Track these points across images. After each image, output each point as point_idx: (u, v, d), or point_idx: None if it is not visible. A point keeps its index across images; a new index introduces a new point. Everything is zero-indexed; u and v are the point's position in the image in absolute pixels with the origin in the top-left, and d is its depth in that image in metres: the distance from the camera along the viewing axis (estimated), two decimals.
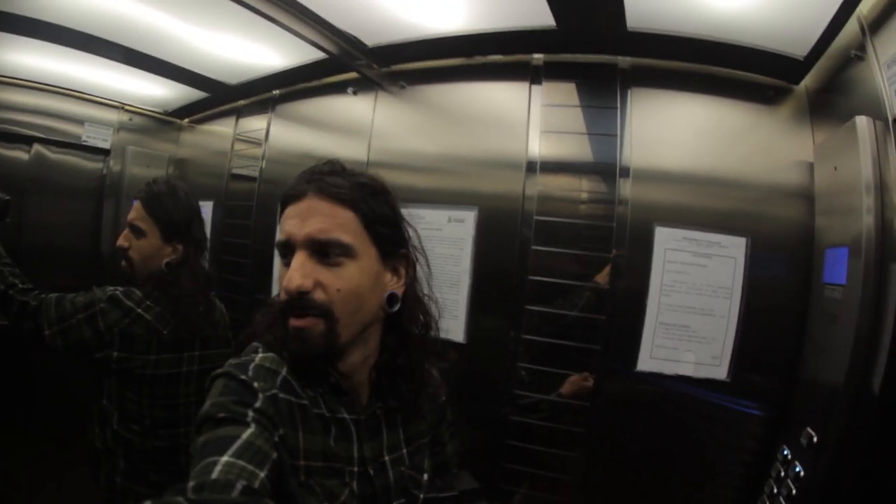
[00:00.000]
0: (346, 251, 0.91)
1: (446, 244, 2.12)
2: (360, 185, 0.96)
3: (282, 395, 0.88)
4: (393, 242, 0.99)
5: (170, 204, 1.78)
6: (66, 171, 3.27)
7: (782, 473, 1.54)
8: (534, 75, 2.08)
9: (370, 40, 2.18)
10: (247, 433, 0.78)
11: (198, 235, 1.83)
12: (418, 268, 1.06)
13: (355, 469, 0.95)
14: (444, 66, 2.28)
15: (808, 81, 1.81)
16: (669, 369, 1.81)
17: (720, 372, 1.77)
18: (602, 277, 1.90)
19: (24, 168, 3.12)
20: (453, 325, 2.08)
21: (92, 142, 3.28)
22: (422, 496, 1.07)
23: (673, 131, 1.92)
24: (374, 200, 0.97)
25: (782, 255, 1.76)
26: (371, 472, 0.97)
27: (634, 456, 1.87)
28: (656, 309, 1.82)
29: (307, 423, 0.90)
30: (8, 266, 1.74)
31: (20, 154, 3.11)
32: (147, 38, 2.33)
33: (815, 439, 1.43)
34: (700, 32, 1.75)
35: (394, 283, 1.00)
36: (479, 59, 2.21)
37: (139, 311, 1.68)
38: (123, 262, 1.80)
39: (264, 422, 0.82)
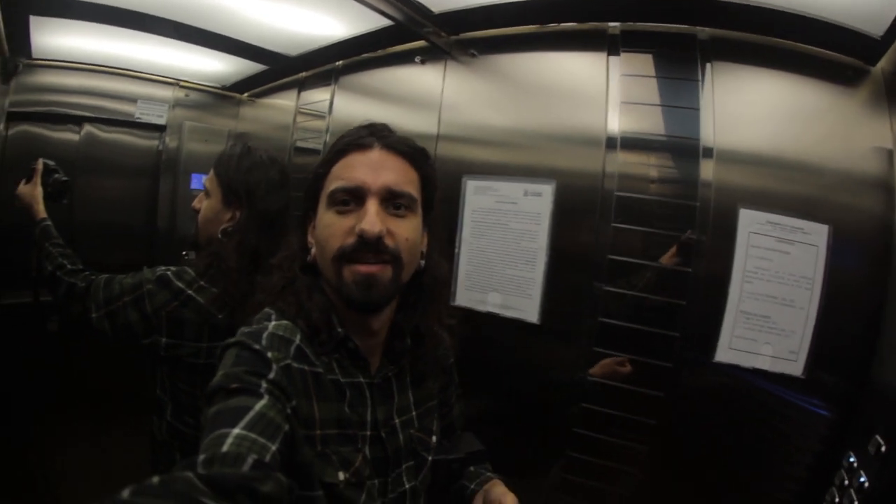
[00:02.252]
0: (411, 205, 1.04)
1: (521, 219, 2.16)
2: (421, 150, 1.11)
3: (295, 365, 0.95)
4: (431, 206, 1.13)
5: (234, 165, 1.74)
6: (120, 150, 3.49)
7: (846, 482, 1.54)
8: (611, 45, 2.10)
9: (437, 6, 2.21)
10: (259, 404, 0.83)
11: (263, 206, 1.71)
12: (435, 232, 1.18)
13: (368, 433, 1.04)
14: (517, 33, 2.32)
15: (885, 63, 1.80)
16: (747, 362, 1.82)
17: (796, 368, 1.78)
18: (667, 258, 1.93)
19: (75, 148, 3.33)
20: (527, 304, 2.13)
21: (146, 119, 3.48)
22: (430, 458, 1.17)
23: (754, 109, 1.92)
24: (429, 164, 1.12)
25: (860, 246, 1.77)
26: (383, 435, 1.06)
27: (699, 450, 1.91)
28: (738, 296, 1.83)
29: (321, 391, 0.98)
30: (59, 247, 1.80)
31: (70, 135, 3.33)
32: (201, 11, 2.44)
33: (883, 448, 1.42)
34: (778, 3, 1.77)
35: (423, 244, 1.12)
36: (553, 27, 2.25)
37: (190, 292, 1.62)
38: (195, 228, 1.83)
39: (277, 393, 0.88)
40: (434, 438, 1.21)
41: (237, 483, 0.70)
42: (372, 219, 0.97)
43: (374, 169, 1.02)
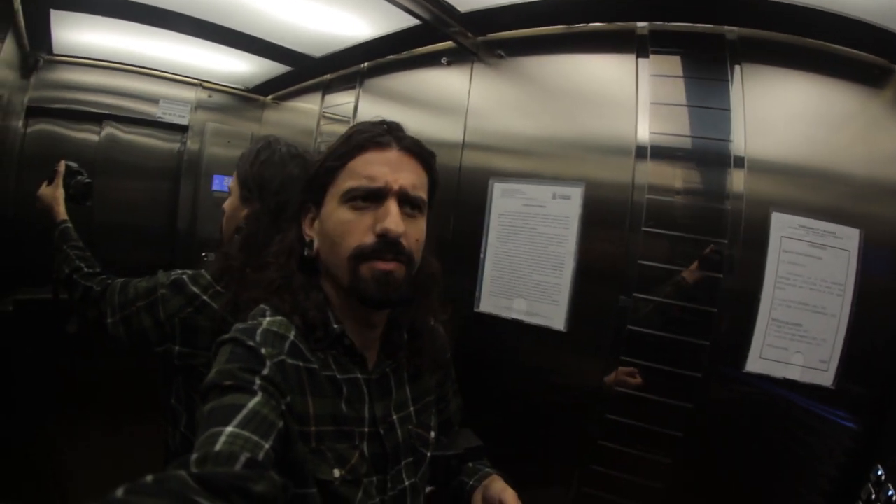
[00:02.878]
0: (423, 208, 1.09)
1: (550, 222, 2.15)
2: (430, 152, 1.14)
3: (290, 361, 0.97)
4: (431, 206, 1.16)
5: (250, 159, 1.69)
6: (140, 151, 3.50)
7: (873, 496, 1.53)
8: (640, 46, 2.10)
9: (463, 5, 2.22)
10: (253, 402, 0.85)
11: (276, 201, 1.59)
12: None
13: (366, 430, 1.06)
14: (545, 34, 2.33)
15: None
16: (778, 372, 1.81)
17: (826, 378, 1.77)
18: (689, 273, 1.93)
19: (95, 149, 3.35)
20: (554, 311, 2.13)
21: (168, 118, 3.50)
22: (429, 454, 1.20)
23: (784, 111, 1.92)
24: (435, 168, 1.16)
25: (890, 252, 1.77)
26: (382, 431, 1.09)
27: (723, 463, 1.90)
28: (770, 303, 1.81)
29: (316, 387, 1.00)
30: (77, 249, 1.79)
31: (91, 136, 3.35)
32: (223, 9, 2.47)
33: None
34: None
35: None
36: (581, 27, 2.25)
37: (205, 297, 1.56)
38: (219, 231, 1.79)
39: (271, 389, 0.89)
40: (432, 434, 1.24)
41: (230, 482, 0.72)
42: (395, 219, 1.01)
43: (393, 169, 1.05)
